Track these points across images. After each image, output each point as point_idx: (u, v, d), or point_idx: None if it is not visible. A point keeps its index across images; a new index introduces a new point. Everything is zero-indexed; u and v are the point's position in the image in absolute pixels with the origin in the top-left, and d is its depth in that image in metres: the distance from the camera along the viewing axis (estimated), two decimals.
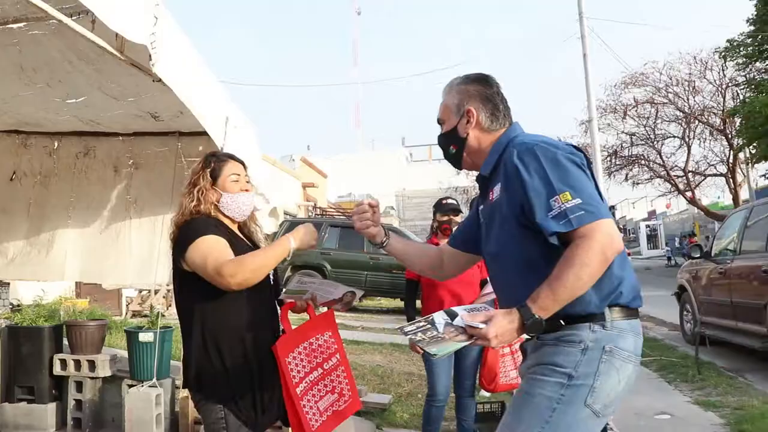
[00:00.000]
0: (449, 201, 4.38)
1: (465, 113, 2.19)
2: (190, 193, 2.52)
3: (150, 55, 2.61)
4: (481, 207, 2.25)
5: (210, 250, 2.31)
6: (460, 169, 2.40)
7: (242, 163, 2.66)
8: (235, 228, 2.58)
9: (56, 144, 4.39)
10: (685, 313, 9.65)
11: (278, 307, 2.59)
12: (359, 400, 2.65)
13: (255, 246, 2.62)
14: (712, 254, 8.70)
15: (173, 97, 3.00)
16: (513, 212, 1.99)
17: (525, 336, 1.95)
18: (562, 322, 1.94)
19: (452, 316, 1.90)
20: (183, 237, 2.40)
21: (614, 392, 1.95)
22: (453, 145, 2.25)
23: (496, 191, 2.08)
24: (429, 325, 1.88)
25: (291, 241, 2.40)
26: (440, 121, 2.29)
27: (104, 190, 4.41)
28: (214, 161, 2.59)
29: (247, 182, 2.61)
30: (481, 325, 1.84)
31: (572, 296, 1.84)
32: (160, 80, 2.83)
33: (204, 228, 2.39)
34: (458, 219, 4.18)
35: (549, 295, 1.83)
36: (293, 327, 2.49)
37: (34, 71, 3.24)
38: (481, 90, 2.21)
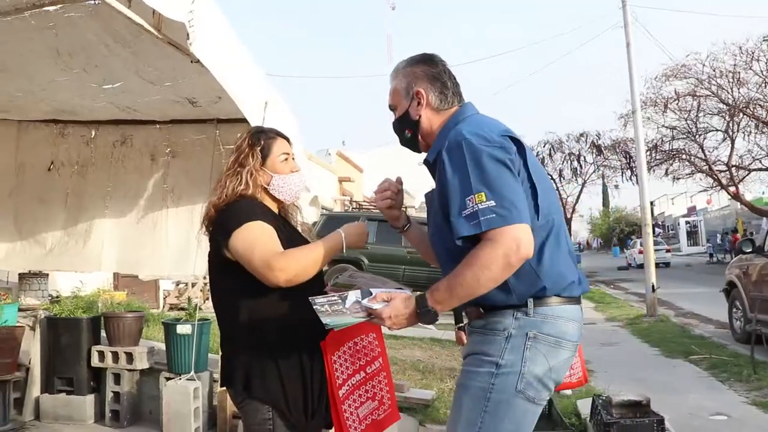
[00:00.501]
0: None
1: (414, 95, 2.18)
2: (237, 174, 2.29)
3: (188, 34, 2.50)
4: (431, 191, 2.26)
5: (256, 240, 2.12)
6: (419, 153, 2.33)
7: (288, 139, 2.46)
8: (277, 211, 2.40)
9: (93, 133, 4.34)
10: (734, 310, 9.31)
11: None
12: (398, 411, 2.43)
13: (294, 229, 2.45)
14: (766, 249, 8.35)
15: (211, 79, 2.89)
16: (441, 203, 2.01)
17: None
18: (481, 310, 2.01)
19: (366, 295, 1.99)
20: (225, 222, 2.20)
21: (546, 377, 1.97)
22: (407, 130, 2.23)
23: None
24: (340, 301, 1.97)
25: (343, 238, 2.24)
26: (392, 108, 2.27)
27: (141, 179, 4.34)
28: (264, 138, 2.37)
29: (293, 160, 2.43)
30: (378, 306, 1.92)
31: (470, 296, 1.87)
32: (198, 61, 2.72)
33: (249, 213, 2.18)
34: None
35: (446, 290, 1.88)
36: None
37: (70, 56, 3.16)
38: (427, 70, 2.20)
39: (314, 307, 1.96)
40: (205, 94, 3.59)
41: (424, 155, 2.28)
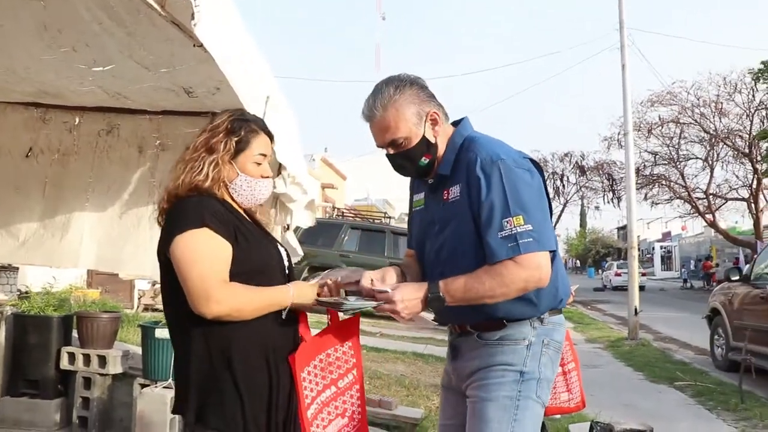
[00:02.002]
0: None
1: (428, 117, 2.14)
2: (201, 160, 2.01)
3: (192, 13, 2.28)
4: (432, 204, 2.23)
5: (200, 255, 1.85)
6: (428, 177, 2.24)
7: (272, 137, 2.19)
8: (242, 210, 2.12)
9: (77, 120, 4.05)
10: (716, 337, 9.29)
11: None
12: (367, 426, 2.20)
13: (262, 229, 2.16)
14: (752, 278, 8.36)
15: (212, 67, 2.65)
16: (473, 217, 2.04)
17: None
18: (505, 322, 2.07)
19: (368, 299, 2.02)
20: (172, 219, 1.95)
21: (551, 380, 2.15)
22: (425, 155, 2.16)
23: (454, 192, 2.10)
24: (343, 301, 2.00)
25: (291, 294, 1.97)
26: (400, 141, 2.13)
27: (126, 172, 4.06)
28: (245, 129, 2.08)
29: (267, 164, 2.17)
30: (388, 289, 1.94)
31: (477, 301, 1.96)
32: (201, 45, 2.50)
33: (199, 214, 1.90)
34: None
35: (460, 288, 1.95)
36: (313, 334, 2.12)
37: (58, 32, 2.89)
38: (425, 90, 2.18)
39: (321, 300, 2.01)
40: (203, 84, 3.34)
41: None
